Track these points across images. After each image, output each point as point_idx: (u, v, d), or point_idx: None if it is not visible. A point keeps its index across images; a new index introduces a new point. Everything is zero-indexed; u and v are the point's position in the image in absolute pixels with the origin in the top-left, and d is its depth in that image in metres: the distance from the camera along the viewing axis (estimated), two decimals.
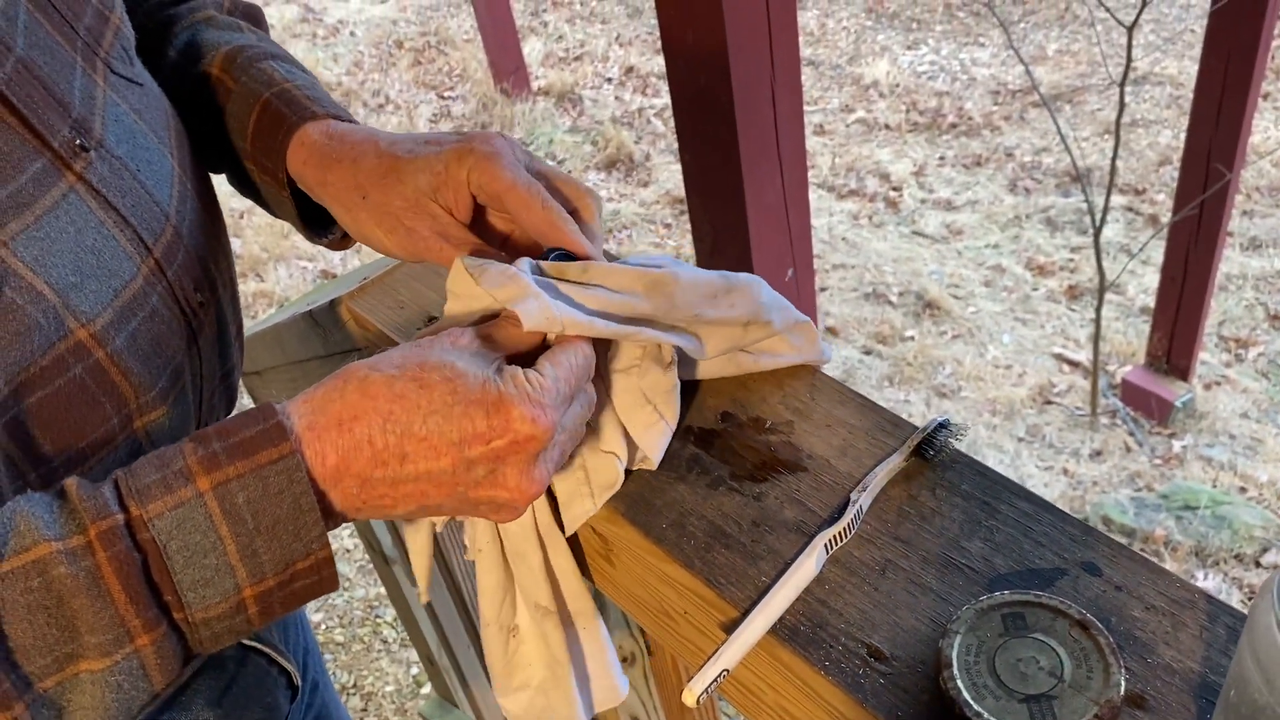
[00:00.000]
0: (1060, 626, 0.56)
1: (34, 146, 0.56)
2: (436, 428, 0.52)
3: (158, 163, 0.66)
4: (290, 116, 0.71)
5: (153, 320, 0.63)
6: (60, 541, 0.47)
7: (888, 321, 4.19)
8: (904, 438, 0.69)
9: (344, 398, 0.52)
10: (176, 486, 0.49)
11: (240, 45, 0.76)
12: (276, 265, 4.50)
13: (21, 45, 0.57)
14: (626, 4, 6.67)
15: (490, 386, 0.53)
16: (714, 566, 0.64)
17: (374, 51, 6.24)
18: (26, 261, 0.54)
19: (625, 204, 4.94)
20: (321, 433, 0.52)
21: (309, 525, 0.51)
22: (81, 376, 0.58)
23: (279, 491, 0.50)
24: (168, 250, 0.64)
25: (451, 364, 0.53)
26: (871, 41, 6.11)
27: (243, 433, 0.51)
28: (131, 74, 0.68)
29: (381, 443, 0.52)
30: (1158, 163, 4.92)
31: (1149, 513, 3.31)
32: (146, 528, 0.48)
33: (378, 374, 0.53)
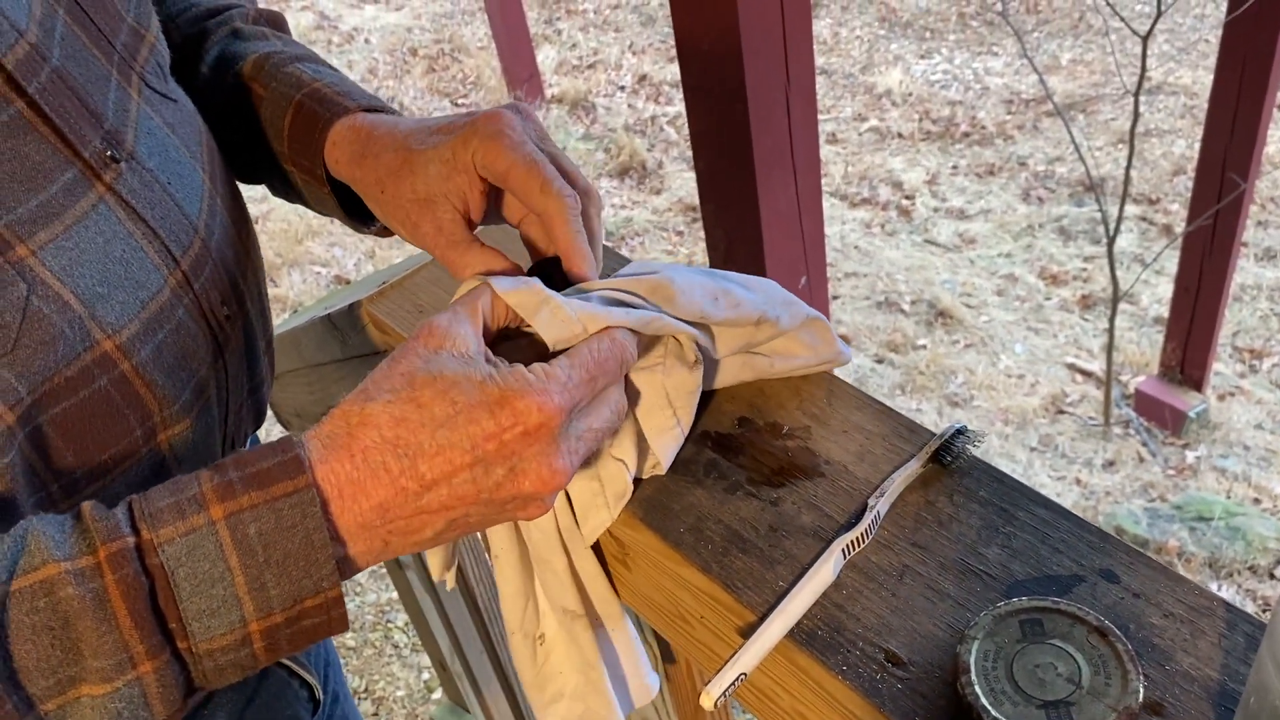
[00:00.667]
0: (1078, 633, 0.56)
1: (65, 156, 0.57)
2: (446, 440, 0.52)
3: (188, 176, 0.66)
4: (323, 114, 0.71)
5: (179, 333, 0.63)
6: (69, 561, 0.47)
7: (900, 330, 4.19)
8: (921, 444, 0.69)
9: (350, 433, 0.52)
10: (189, 513, 0.49)
11: (267, 52, 0.76)
12: (290, 270, 4.52)
13: (57, 56, 0.57)
14: (640, 12, 6.69)
15: (489, 386, 0.52)
16: (731, 571, 0.64)
17: (388, 59, 6.27)
18: (54, 271, 0.55)
19: (638, 211, 4.95)
20: (335, 467, 0.51)
21: (320, 562, 0.50)
22: (106, 388, 0.58)
23: (291, 525, 0.49)
24: (195, 263, 0.65)
25: (439, 375, 0.52)
26: (884, 50, 6.12)
27: (260, 464, 0.50)
28: (166, 90, 0.68)
29: (396, 468, 0.51)
30: (1172, 172, 4.90)
31: (1162, 523, 3.30)
32: (156, 553, 0.48)
33: (373, 404, 0.52)
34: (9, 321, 0.52)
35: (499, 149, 0.63)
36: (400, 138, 0.68)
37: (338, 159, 0.71)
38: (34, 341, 0.53)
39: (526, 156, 0.63)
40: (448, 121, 0.67)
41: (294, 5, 6.88)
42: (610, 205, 5.01)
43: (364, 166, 0.69)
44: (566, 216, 0.63)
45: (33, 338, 0.53)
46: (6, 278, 0.52)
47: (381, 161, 0.68)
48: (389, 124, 0.70)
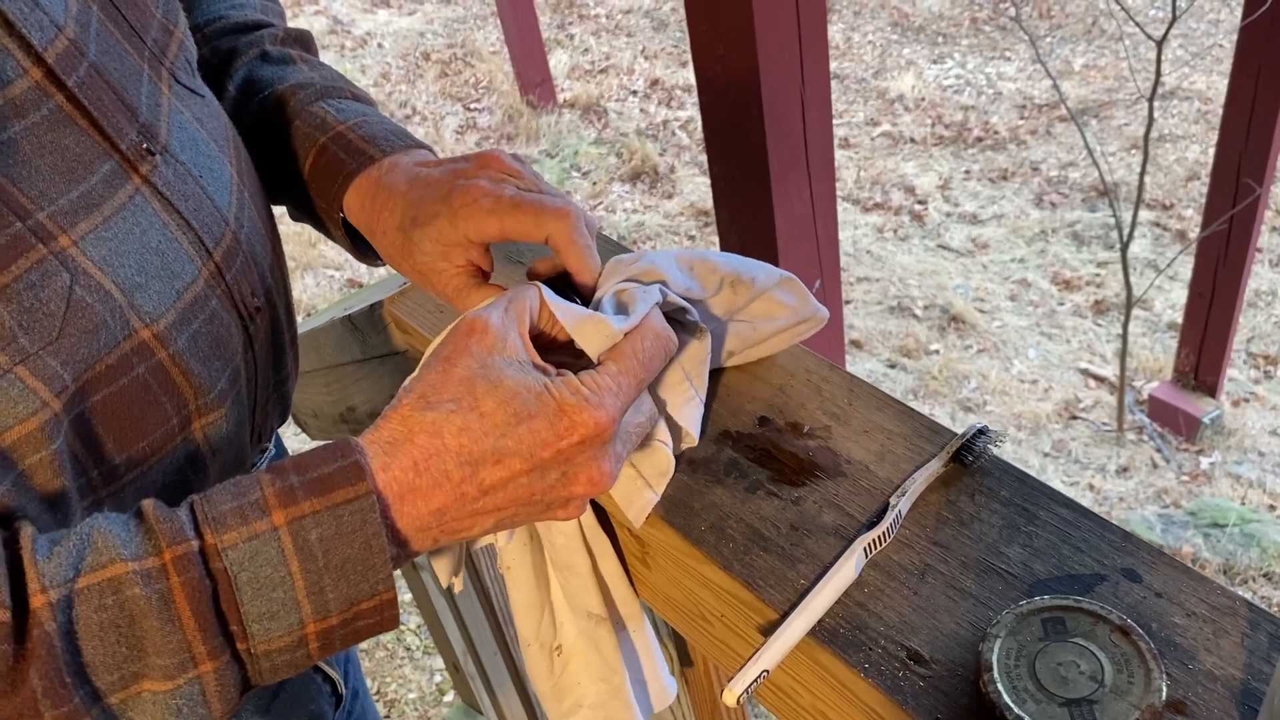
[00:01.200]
0: (1101, 631, 0.56)
1: (104, 148, 0.58)
2: (506, 448, 0.53)
3: (218, 170, 0.68)
4: (348, 164, 0.73)
5: (213, 323, 0.64)
6: (136, 562, 0.48)
7: (912, 335, 4.19)
8: (942, 444, 0.69)
9: (412, 440, 0.53)
10: (252, 518, 0.50)
11: (295, 85, 0.78)
12: (304, 274, 4.54)
13: (94, 51, 0.58)
14: (652, 17, 6.70)
15: (546, 397, 0.54)
16: (753, 569, 0.64)
17: (401, 63, 6.30)
18: (95, 261, 0.56)
19: (650, 215, 4.96)
20: (399, 474, 0.52)
21: (377, 566, 0.51)
22: (144, 376, 0.59)
23: (351, 531, 0.50)
24: (227, 254, 0.66)
25: (499, 383, 0.54)
26: (897, 55, 6.11)
27: (320, 469, 0.51)
28: (194, 85, 0.70)
29: (459, 475, 0.53)
30: (1185, 178, 4.89)
31: (1176, 530, 3.29)
32: (220, 557, 0.49)
33: (435, 412, 0.53)
34: (54, 310, 0.53)
35: (482, 216, 0.66)
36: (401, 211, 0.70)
37: (357, 209, 0.73)
38: (78, 330, 0.54)
39: (509, 203, 0.66)
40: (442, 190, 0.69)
41: (307, 10, 6.92)
42: (622, 210, 5.02)
43: (374, 237, 0.73)
44: (571, 234, 0.65)
45: (77, 326, 0.54)
46: (50, 268, 0.53)
47: (387, 240, 0.71)
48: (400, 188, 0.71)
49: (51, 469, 0.54)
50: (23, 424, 0.52)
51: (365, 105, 0.79)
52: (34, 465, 0.53)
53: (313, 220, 0.81)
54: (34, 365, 0.52)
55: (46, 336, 0.53)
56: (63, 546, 0.48)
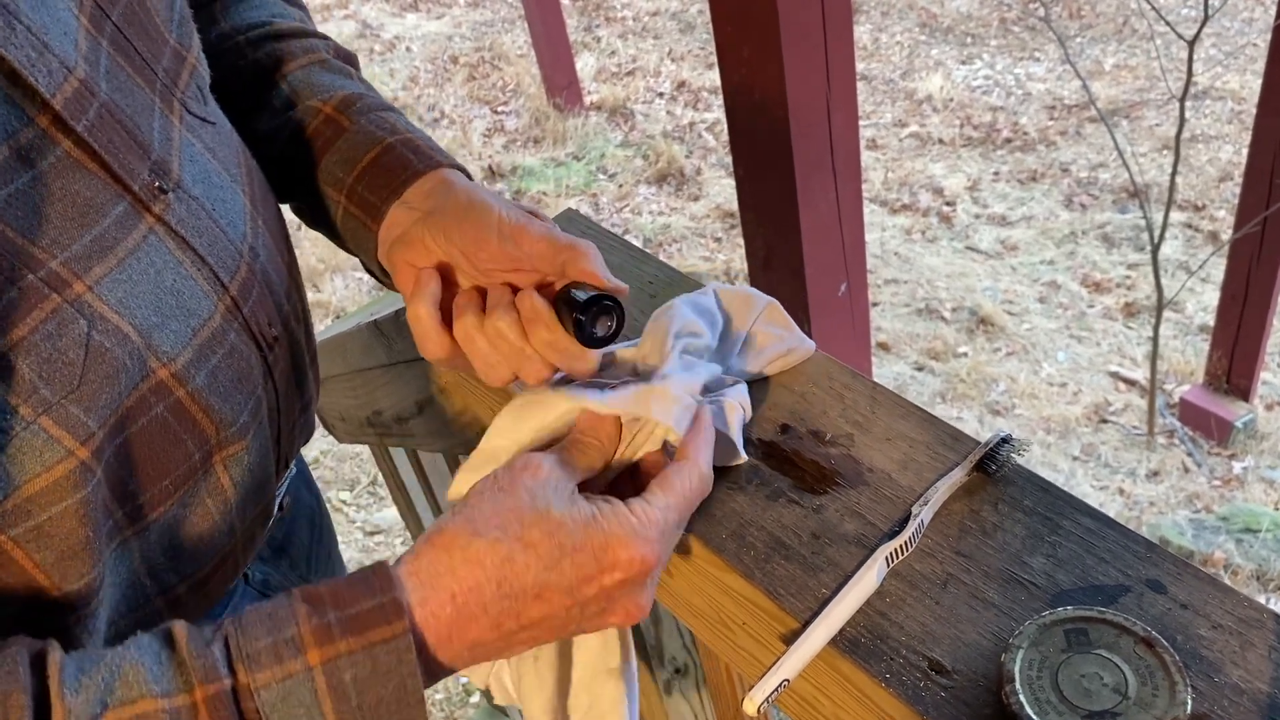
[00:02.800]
0: (1125, 643, 0.55)
1: (115, 190, 0.57)
2: (549, 581, 0.53)
3: (231, 200, 0.67)
4: (416, 163, 0.72)
5: (231, 357, 0.64)
6: (167, 699, 0.47)
7: (940, 338, 4.16)
8: (965, 452, 0.69)
9: (452, 570, 0.52)
10: (286, 657, 0.49)
11: (359, 93, 0.78)
12: (333, 276, 4.57)
13: (105, 89, 0.58)
14: (679, 19, 6.70)
15: (594, 530, 0.54)
16: (774, 578, 0.64)
17: (429, 67, 6.33)
18: (111, 304, 0.55)
19: (675, 218, 4.96)
20: (436, 609, 0.52)
21: (412, 705, 0.51)
22: (163, 415, 0.59)
23: (387, 672, 0.50)
24: (243, 287, 0.65)
25: (546, 514, 0.54)
26: (925, 56, 6.08)
27: (359, 604, 0.50)
28: (205, 113, 0.69)
29: (497, 609, 0.53)
30: (1218, 179, 4.83)
31: (1208, 535, 3.25)
32: (252, 697, 0.48)
33: (480, 540, 0.53)
34: (73, 359, 0.52)
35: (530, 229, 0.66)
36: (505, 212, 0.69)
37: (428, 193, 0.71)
38: (98, 376, 0.54)
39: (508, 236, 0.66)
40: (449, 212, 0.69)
41: (336, 14, 6.97)
42: (648, 212, 5.02)
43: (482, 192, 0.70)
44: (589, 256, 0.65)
45: (97, 373, 0.54)
46: (67, 316, 0.52)
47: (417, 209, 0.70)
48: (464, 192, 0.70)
49: (77, 517, 0.54)
50: (49, 472, 0.52)
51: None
52: (59, 514, 0.53)
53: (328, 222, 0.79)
54: (57, 415, 0.52)
55: (68, 385, 0.52)
56: (90, 678, 0.47)
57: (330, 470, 3.52)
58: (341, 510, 3.36)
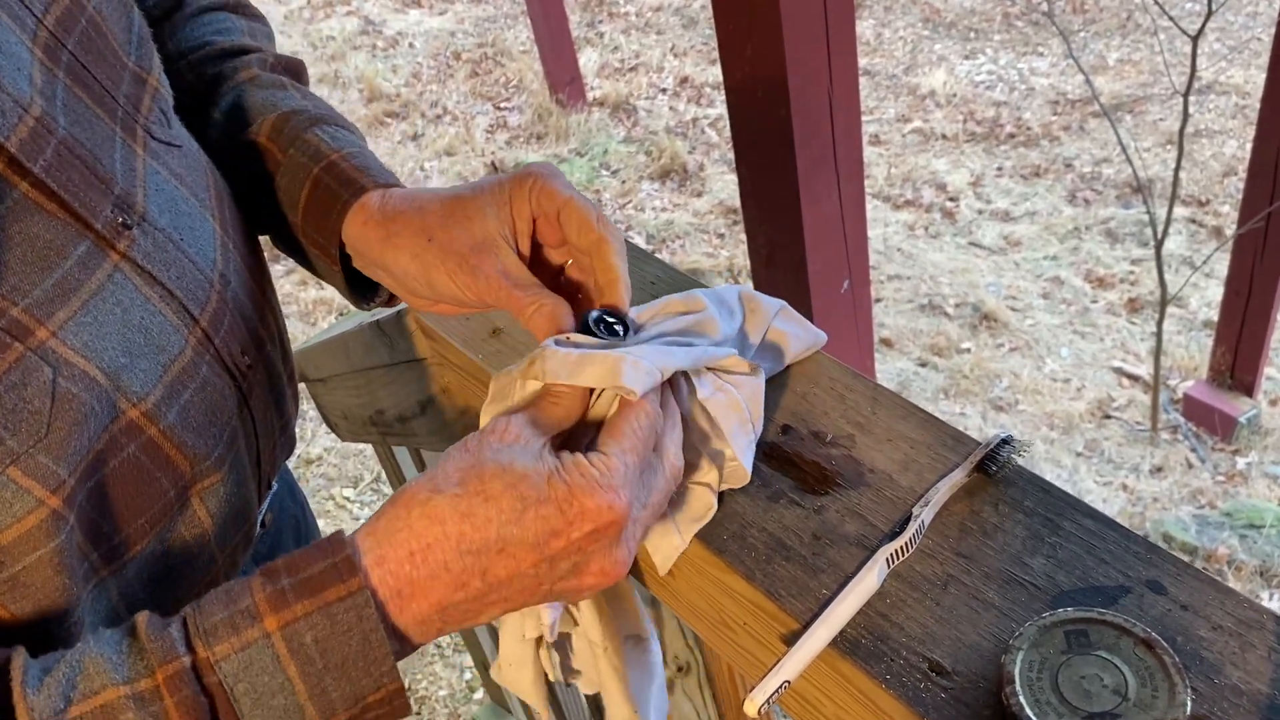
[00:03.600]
0: (1125, 645, 0.55)
1: (76, 229, 0.55)
2: (512, 536, 0.51)
3: (199, 227, 0.66)
4: (343, 194, 0.70)
5: (204, 390, 0.62)
6: (128, 685, 0.46)
7: (944, 333, 4.16)
8: (966, 453, 0.69)
9: (410, 526, 0.51)
10: (243, 627, 0.48)
11: (287, 112, 0.74)
12: None
13: (63, 125, 0.55)
14: (682, 15, 6.69)
15: (556, 481, 0.52)
16: (775, 579, 0.64)
17: (432, 63, 6.33)
18: (76, 349, 0.54)
19: (679, 214, 4.96)
20: (395, 568, 0.51)
21: (379, 660, 0.50)
22: (135, 455, 0.58)
23: (348, 629, 0.49)
24: (214, 317, 0.64)
25: (509, 466, 0.52)
26: (928, 51, 6.07)
27: (311, 568, 0.50)
28: (170, 137, 0.67)
29: (459, 566, 0.51)
30: (1222, 174, 4.83)
31: (1211, 531, 3.25)
32: (214, 670, 0.47)
33: (439, 497, 0.51)
34: (39, 407, 0.51)
35: (555, 188, 0.64)
36: (444, 194, 0.67)
37: (364, 223, 0.69)
38: (66, 424, 0.53)
39: (579, 196, 0.64)
40: (479, 180, 0.67)
41: (339, 11, 6.97)
42: (651, 208, 5.02)
43: (401, 221, 0.67)
44: (615, 248, 0.63)
45: (65, 420, 0.53)
46: (30, 364, 0.51)
47: (428, 211, 0.66)
48: (421, 190, 0.69)
49: (52, 566, 0.53)
50: (19, 523, 0.51)
51: (358, 138, 0.76)
52: (33, 564, 0.52)
53: (300, 257, 0.77)
54: (25, 465, 0.51)
55: (35, 435, 0.51)
56: (53, 676, 0.47)
57: (334, 467, 3.53)
58: (345, 507, 3.37)
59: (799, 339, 0.77)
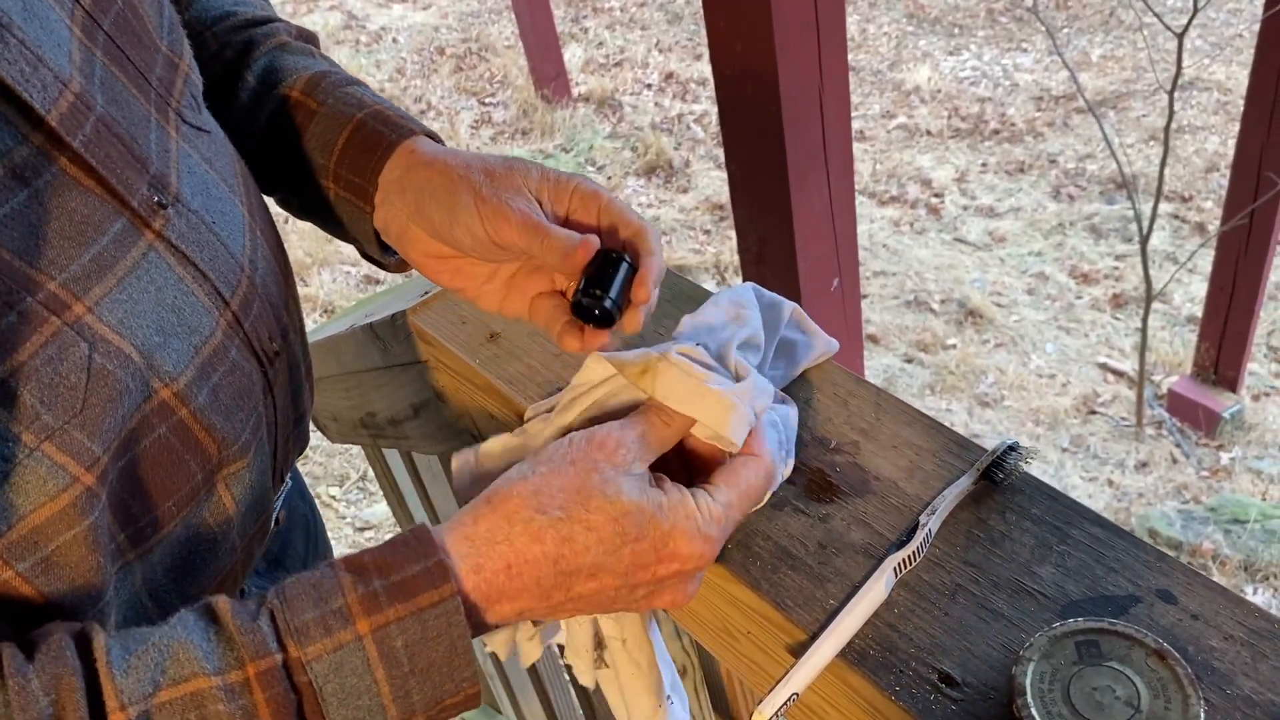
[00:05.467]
0: (1136, 655, 0.55)
1: (114, 206, 0.55)
2: (605, 564, 0.53)
3: (230, 212, 0.66)
4: (389, 135, 0.71)
5: (233, 374, 0.63)
6: (219, 676, 0.47)
7: (929, 330, 4.17)
8: (972, 460, 0.68)
9: (510, 541, 0.52)
10: (335, 628, 0.49)
11: (322, 71, 0.76)
12: (320, 270, 4.54)
13: (101, 102, 0.56)
14: (666, 10, 6.67)
15: (659, 521, 0.54)
16: (781, 588, 0.64)
17: (416, 58, 6.30)
18: (112, 325, 0.54)
19: (665, 210, 4.95)
20: (490, 577, 0.52)
21: (462, 666, 0.51)
22: (166, 436, 0.58)
23: (437, 635, 0.50)
24: (244, 301, 0.64)
25: (615, 500, 0.54)
26: (913, 47, 6.08)
27: (404, 570, 0.51)
28: (200, 122, 0.67)
29: (550, 583, 0.53)
30: (1205, 169, 4.85)
31: (1196, 526, 3.27)
32: (304, 670, 0.48)
33: (543, 518, 0.53)
34: (75, 382, 0.51)
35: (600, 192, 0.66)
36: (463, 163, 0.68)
37: (408, 165, 0.69)
38: (101, 400, 0.52)
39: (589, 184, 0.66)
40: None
41: (322, 5, 6.92)
42: (637, 204, 5.01)
43: (457, 160, 0.67)
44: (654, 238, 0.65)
45: (100, 396, 0.52)
46: (67, 339, 0.51)
47: (485, 158, 0.67)
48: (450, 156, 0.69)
49: (85, 544, 0.53)
50: (54, 501, 0.51)
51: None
52: (67, 543, 0.52)
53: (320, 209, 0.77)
54: (60, 441, 0.51)
55: (71, 410, 0.51)
56: (140, 658, 0.47)
57: (319, 466, 3.51)
58: (331, 506, 3.35)
59: (810, 347, 0.76)
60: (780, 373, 0.75)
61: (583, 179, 0.66)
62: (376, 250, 0.76)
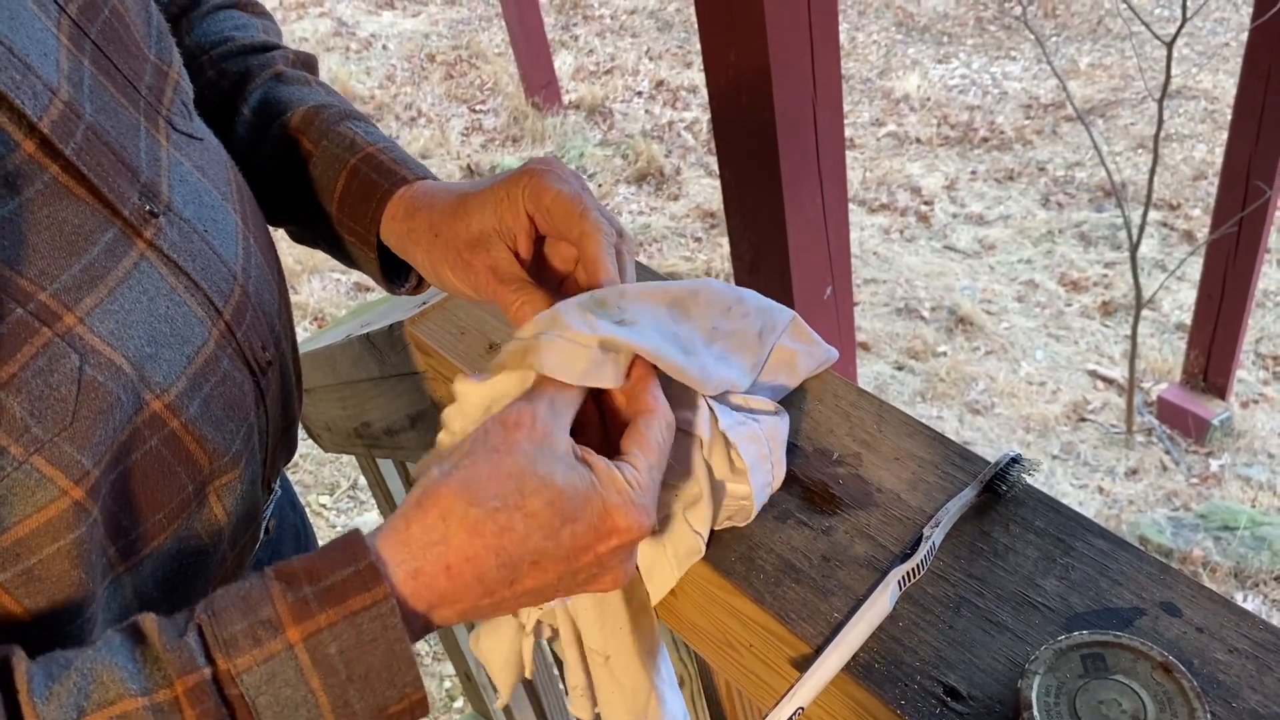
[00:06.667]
0: (1142, 668, 0.55)
1: (104, 216, 0.55)
2: (546, 550, 0.52)
3: (222, 220, 0.65)
4: (382, 184, 0.71)
5: (225, 384, 0.62)
6: (146, 697, 0.45)
7: (920, 337, 4.18)
8: (975, 472, 0.68)
9: (448, 541, 0.50)
10: (265, 639, 0.47)
11: (316, 105, 0.76)
12: (310, 278, 4.53)
13: (90, 110, 0.55)
14: (657, 18, 6.69)
15: (594, 499, 0.52)
16: (784, 602, 0.64)
17: (406, 65, 6.29)
18: (103, 336, 0.53)
19: (656, 218, 4.95)
20: (430, 580, 0.50)
21: (403, 670, 0.49)
22: (157, 448, 0.57)
23: (373, 639, 0.48)
24: (237, 311, 0.64)
25: (548, 481, 0.51)
26: (902, 55, 6.10)
27: (334, 575, 0.48)
28: (191, 129, 0.67)
29: (493, 577, 0.51)
30: (1192, 177, 4.88)
31: (1186, 532, 3.28)
32: (235, 683, 0.46)
33: (477, 510, 0.50)
34: (65, 395, 0.50)
35: (545, 183, 0.64)
36: (455, 188, 0.69)
37: (393, 217, 0.71)
38: (92, 412, 0.52)
39: (571, 189, 0.64)
40: (491, 176, 0.69)
41: (311, 12, 6.91)
42: (628, 212, 5.01)
43: (417, 217, 0.69)
44: (599, 239, 0.63)
45: (90, 408, 0.52)
46: (58, 350, 0.50)
47: (436, 207, 0.68)
48: (443, 184, 0.71)
49: (69, 558, 0.52)
50: (41, 513, 0.50)
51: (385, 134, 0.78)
52: (51, 556, 0.51)
53: (329, 244, 0.78)
54: (50, 454, 0.50)
55: (60, 423, 0.50)
56: (62, 685, 0.45)
57: (310, 474, 3.49)
58: (321, 514, 3.34)
59: (810, 356, 0.75)
60: (780, 384, 0.75)
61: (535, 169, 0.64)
62: (387, 285, 0.77)
